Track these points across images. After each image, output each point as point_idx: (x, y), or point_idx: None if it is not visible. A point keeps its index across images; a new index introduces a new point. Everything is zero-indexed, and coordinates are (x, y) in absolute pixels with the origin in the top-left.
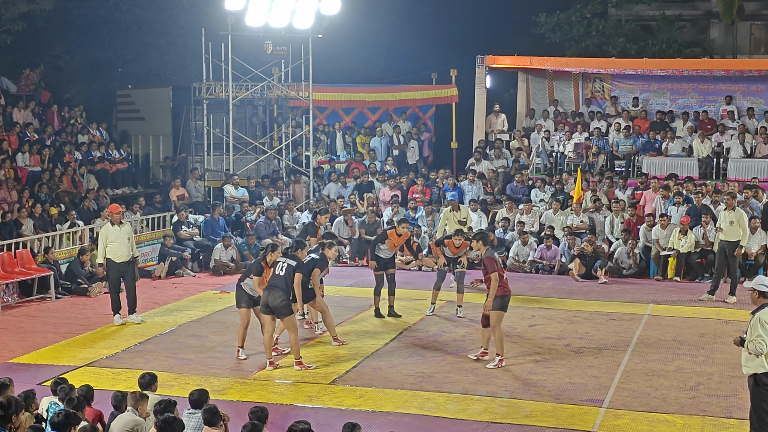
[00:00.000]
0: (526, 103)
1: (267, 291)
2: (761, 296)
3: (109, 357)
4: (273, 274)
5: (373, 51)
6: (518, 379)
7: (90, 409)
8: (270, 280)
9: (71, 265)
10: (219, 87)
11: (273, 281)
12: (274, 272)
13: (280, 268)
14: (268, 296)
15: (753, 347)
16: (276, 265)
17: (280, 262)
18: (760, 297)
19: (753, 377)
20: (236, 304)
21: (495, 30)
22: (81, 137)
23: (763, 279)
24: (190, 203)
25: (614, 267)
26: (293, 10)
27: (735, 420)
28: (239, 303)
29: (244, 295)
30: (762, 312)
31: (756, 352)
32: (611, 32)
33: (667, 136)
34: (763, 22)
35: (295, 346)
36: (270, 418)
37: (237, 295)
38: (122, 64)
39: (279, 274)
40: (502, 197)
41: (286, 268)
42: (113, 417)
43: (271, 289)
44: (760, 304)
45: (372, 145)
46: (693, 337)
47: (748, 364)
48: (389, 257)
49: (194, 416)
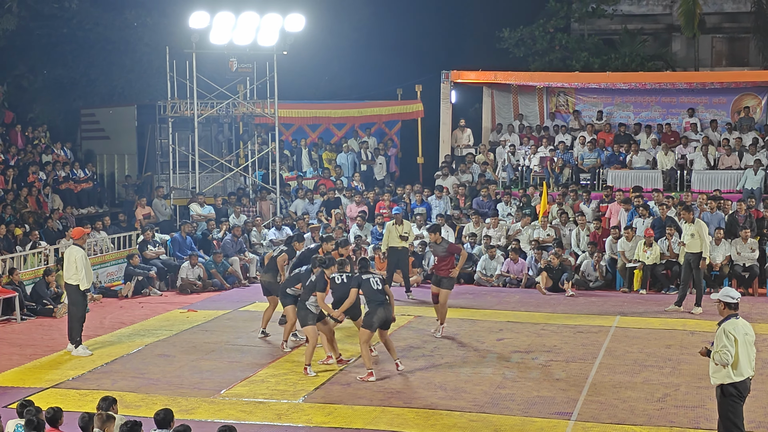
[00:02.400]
0: (492, 118)
1: (383, 308)
2: (727, 307)
3: (75, 378)
4: (373, 290)
5: (338, 67)
6: (487, 393)
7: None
8: (376, 297)
9: (36, 285)
10: (184, 105)
11: (379, 297)
12: (372, 288)
13: (375, 283)
14: (384, 312)
15: (719, 358)
16: (368, 282)
17: (371, 278)
18: (726, 308)
19: (720, 387)
20: (301, 324)
21: (459, 45)
22: (45, 157)
23: (729, 291)
24: (156, 222)
25: (581, 279)
26: (258, 27)
27: (702, 431)
28: (305, 322)
29: (309, 313)
30: (727, 323)
31: (722, 363)
32: (574, 47)
33: (631, 149)
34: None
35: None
36: None
37: (301, 315)
38: (86, 83)
39: (378, 288)
40: (469, 212)
41: (380, 281)
42: None
43: (384, 305)
44: (726, 315)
45: (338, 161)
46: (660, 348)
47: (715, 374)
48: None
49: None
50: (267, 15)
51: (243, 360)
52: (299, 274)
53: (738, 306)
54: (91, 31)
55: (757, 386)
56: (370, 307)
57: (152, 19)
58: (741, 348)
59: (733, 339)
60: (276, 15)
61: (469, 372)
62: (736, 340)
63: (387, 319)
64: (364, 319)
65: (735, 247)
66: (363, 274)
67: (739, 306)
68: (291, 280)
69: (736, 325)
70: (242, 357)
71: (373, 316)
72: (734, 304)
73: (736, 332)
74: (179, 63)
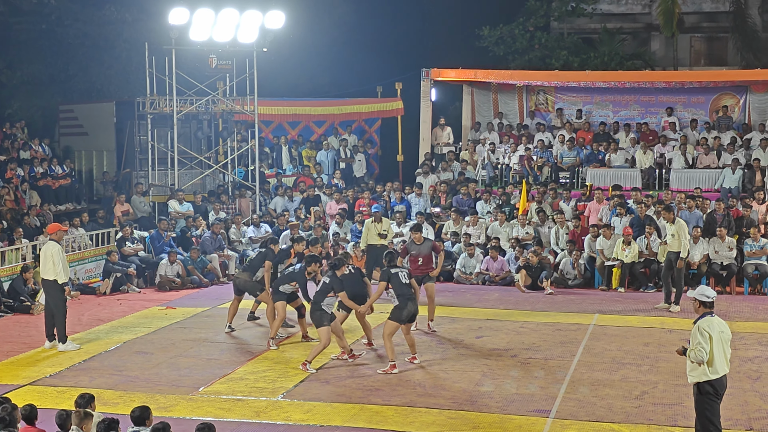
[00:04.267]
0: (472, 116)
1: (412, 302)
2: (702, 306)
3: (52, 375)
4: (402, 284)
5: (318, 64)
6: (466, 390)
7: (35, 429)
8: (405, 291)
9: (14, 282)
10: (163, 101)
11: (408, 291)
12: (401, 282)
13: (404, 277)
14: (414, 306)
15: (694, 355)
16: (397, 277)
17: (400, 272)
18: (701, 306)
19: (696, 386)
20: (316, 326)
21: (439, 43)
22: (23, 153)
23: (704, 289)
24: (135, 219)
25: (560, 278)
26: (237, 24)
27: (680, 428)
28: (320, 323)
29: (324, 314)
30: (702, 321)
31: (697, 360)
32: (554, 45)
33: (610, 148)
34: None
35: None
36: None
37: (316, 317)
38: (65, 79)
39: (406, 282)
40: (448, 211)
41: (407, 276)
42: None
43: (412, 299)
44: (701, 313)
45: (318, 158)
46: (638, 346)
47: (691, 373)
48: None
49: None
50: (247, 12)
51: (221, 357)
52: (293, 273)
53: (713, 304)
54: (70, 27)
55: (734, 384)
56: (399, 300)
57: (131, 16)
58: (716, 345)
59: (708, 336)
60: (256, 12)
61: (448, 369)
62: (711, 337)
63: (414, 312)
64: (393, 313)
65: (713, 245)
66: (391, 268)
67: (716, 305)
68: (285, 278)
69: (711, 322)
70: (221, 354)
71: (403, 310)
72: (710, 303)
73: (711, 330)
74: (158, 59)
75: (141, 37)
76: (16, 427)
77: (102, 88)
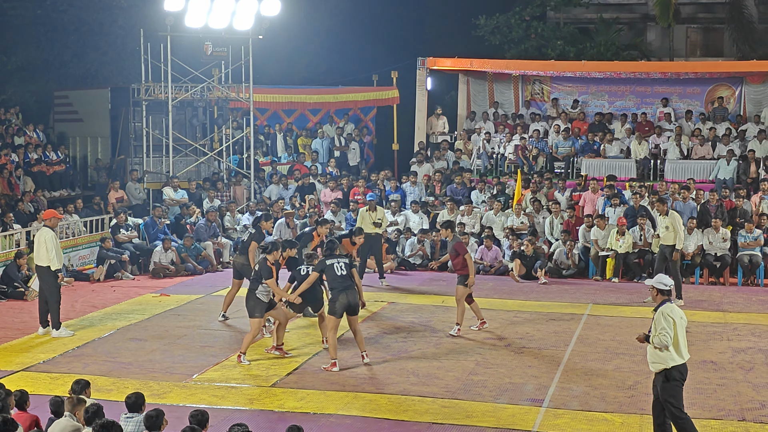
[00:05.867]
0: (467, 105)
1: (344, 293)
2: (660, 293)
3: (46, 362)
4: (336, 276)
5: (314, 52)
6: (459, 379)
7: (26, 414)
8: (337, 284)
9: (7, 268)
10: (158, 88)
11: (344, 282)
12: (335, 274)
13: (339, 268)
14: (348, 297)
15: (658, 340)
16: (332, 268)
17: (336, 263)
18: (659, 294)
19: (663, 374)
20: (249, 314)
21: (435, 32)
22: (17, 139)
23: (662, 278)
24: (129, 206)
25: (554, 267)
26: (233, 11)
27: None
28: (252, 313)
29: (258, 303)
30: (664, 307)
31: (662, 345)
32: (550, 35)
33: (606, 138)
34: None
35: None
36: (210, 422)
37: (250, 305)
38: (60, 65)
39: (342, 274)
40: (444, 198)
41: (345, 266)
42: (51, 422)
43: (347, 290)
44: (659, 300)
45: (313, 146)
46: (631, 336)
47: (656, 360)
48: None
49: (132, 420)
50: None
51: (215, 345)
52: None
53: (671, 293)
54: (65, 13)
55: (726, 375)
56: (332, 293)
57: (127, 2)
58: (679, 330)
59: (672, 322)
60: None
61: (442, 358)
62: (674, 322)
63: (351, 304)
64: (329, 306)
65: (707, 236)
66: (327, 258)
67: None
68: None
69: (672, 308)
70: (214, 342)
71: (335, 302)
72: (667, 291)
73: (674, 315)
74: (154, 46)
75: (136, 23)
76: (8, 412)
77: (97, 74)
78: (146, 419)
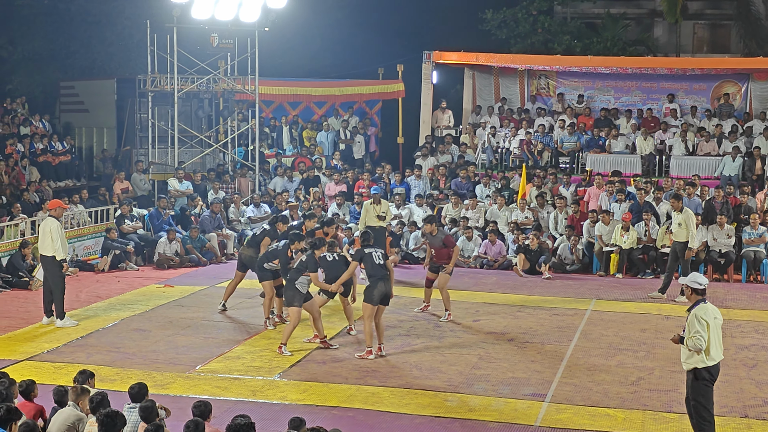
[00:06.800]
0: (473, 99)
1: (383, 283)
2: (695, 293)
3: (50, 351)
4: (375, 265)
5: (319, 45)
6: (462, 373)
7: (31, 404)
8: (376, 272)
9: (12, 258)
10: (164, 79)
11: (382, 271)
12: (374, 263)
13: (377, 257)
14: (386, 286)
15: (692, 344)
16: (371, 257)
17: (374, 252)
18: (694, 294)
19: (692, 372)
20: (286, 303)
21: (442, 26)
22: (23, 129)
23: (696, 276)
24: (134, 197)
25: (558, 262)
26: (240, 3)
27: (675, 414)
28: (291, 302)
29: (297, 293)
30: (697, 308)
31: (695, 348)
32: (557, 30)
33: (611, 134)
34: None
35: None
36: (213, 413)
37: (288, 295)
38: (66, 56)
39: (379, 263)
40: (448, 192)
41: (382, 256)
42: (55, 411)
43: (385, 280)
44: (694, 300)
45: (318, 139)
46: (634, 332)
47: (688, 360)
48: None
49: (135, 410)
50: None
51: (219, 336)
52: (276, 250)
53: (705, 291)
54: (72, 3)
55: (730, 372)
56: (370, 281)
57: None
58: (712, 332)
59: (705, 324)
60: None
61: (445, 352)
62: (708, 324)
63: (386, 293)
64: (365, 294)
65: (711, 233)
66: (365, 247)
67: (714, 292)
68: (268, 256)
69: (706, 309)
70: (218, 333)
71: (373, 290)
72: (702, 290)
73: (707, 317)
74: (160, 37)
75: (143, 14)
76: (12, 401)
77: (103, 65)
78: (141, 411)
